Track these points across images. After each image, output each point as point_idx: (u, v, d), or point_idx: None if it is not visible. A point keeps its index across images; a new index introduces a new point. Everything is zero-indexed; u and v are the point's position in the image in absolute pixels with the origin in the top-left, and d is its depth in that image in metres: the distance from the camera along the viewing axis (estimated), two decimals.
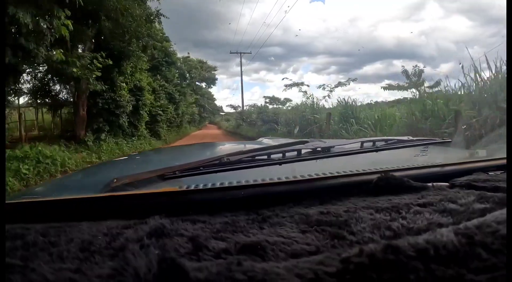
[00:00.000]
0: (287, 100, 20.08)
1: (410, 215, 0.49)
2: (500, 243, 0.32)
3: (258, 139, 2.63)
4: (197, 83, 37.01)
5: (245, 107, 26.56)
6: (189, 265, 0.32)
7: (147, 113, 12.94)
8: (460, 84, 6.09)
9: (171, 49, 19.78)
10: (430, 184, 0.64)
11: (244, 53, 28.04)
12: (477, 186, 0.61)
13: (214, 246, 0.41)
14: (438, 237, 0.33)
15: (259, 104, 24.14)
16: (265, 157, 0.81)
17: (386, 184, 0.62)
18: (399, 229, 0.45)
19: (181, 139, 19.07)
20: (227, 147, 1.98)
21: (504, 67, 4.94)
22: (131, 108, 11.02)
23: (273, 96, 24.56)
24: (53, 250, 0.40)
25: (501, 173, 0.71)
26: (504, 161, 0.74)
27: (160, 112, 15.50)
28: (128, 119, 11.19)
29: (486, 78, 5.47)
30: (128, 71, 10.83)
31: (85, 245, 0.41)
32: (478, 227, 0.34)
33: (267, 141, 2.09)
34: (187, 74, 29.02)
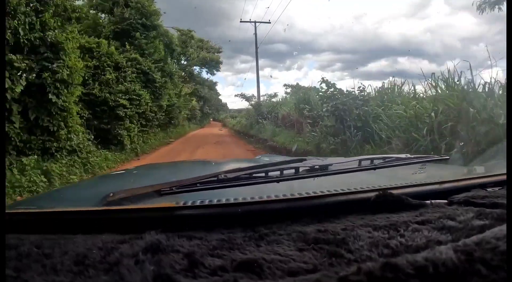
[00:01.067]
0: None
1: (408, 233, 0.49)
2: (500, 259, 0.31)
3: (257, 157, 2.64)
4: (195, 68, 27.06)
5: (261, 98, 19.12)
6: None
7: (75, 102, 5.88)
8: None
9: (153, 9, 12.23)
10: (428, 201, 0.64)
11: (260, 23, 19.85)
12: (476, 203, 0.61)
13: (210, 263, 0.40)
14: (437, 254, 0.32)
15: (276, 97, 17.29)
16: (263, 174, 0.81)
17: (384, 202, 0.62)
18: (398, 247, 0.44)
19: (167, 145, 12.52)
20: (225, 164, 1.99)
21: None
22: (19, 90, 4.46)
23: (297, 84, 17.78)
24: (47, 262, 0.40)
25: (499, 189, 0.71)
26: (503, 177, 0.74)
27: (125, 102, 8.55)
28: (22, 118, 4.71)
29: None
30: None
31: (79, 258, 0.41)
32: (478, 243, 0.34)
33: (265, 159, 2.09)
34: (180, 53, 18.81)
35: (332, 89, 7.10)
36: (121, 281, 0.32)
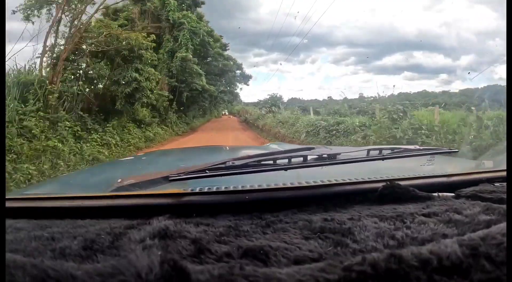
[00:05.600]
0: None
1: (414, 225, 0.49)
2: (505, 255, 0.31)
3: (265, 145, 2.64)
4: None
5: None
6: (191, 267, 0.32)
7: None
8: None
9: None
10: (435, 194, 0.64)
11: None
12: (483, 197, 0.60)
13: (217, 249, 0.41)
14: (442, 247, 0.32)
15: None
16: (271, 162, 0.81)
17: (391, 193, 0.61)
18: (403, 238, 0.44)
19: None
20: (234, 151, 1.99)
21: None
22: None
23: None
24: (56, 246, 0.41)
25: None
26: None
27: None
28: None
29: None
30: None
31: (88, 243, 0.42)
32: (483, 238, 0.34)
33: (274, 147, 2.09)
34: None
35: None
36: (128, 265, 0.32)
